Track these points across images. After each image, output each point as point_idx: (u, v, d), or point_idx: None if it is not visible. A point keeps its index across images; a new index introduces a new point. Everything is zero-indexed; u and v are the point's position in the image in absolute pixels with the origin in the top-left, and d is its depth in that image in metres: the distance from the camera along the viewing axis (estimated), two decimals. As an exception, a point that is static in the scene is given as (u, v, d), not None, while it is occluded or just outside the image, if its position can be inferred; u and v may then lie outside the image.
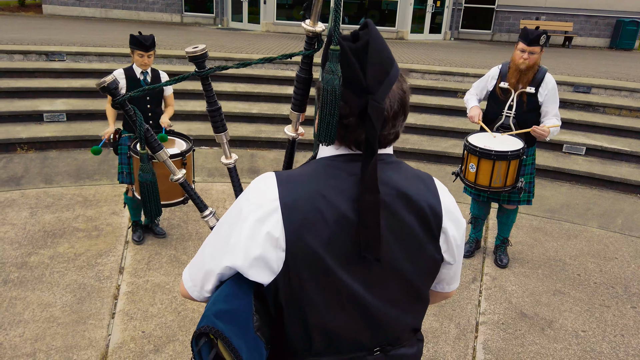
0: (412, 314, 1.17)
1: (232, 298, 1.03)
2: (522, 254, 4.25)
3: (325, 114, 0.98)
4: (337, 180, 1.04)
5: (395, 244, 1.06)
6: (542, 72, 3.66)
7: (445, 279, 1.26)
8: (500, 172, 3.59)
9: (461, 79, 8.11)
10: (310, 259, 1.01)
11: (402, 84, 1.05)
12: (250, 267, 1.02)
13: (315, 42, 1.07)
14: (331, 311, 1.06)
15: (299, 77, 1.16)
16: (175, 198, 3.57)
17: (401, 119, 1.06)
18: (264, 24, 14.59)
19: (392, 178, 1.07)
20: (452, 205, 1.15)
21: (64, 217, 4.41)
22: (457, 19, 16.28)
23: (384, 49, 1.01)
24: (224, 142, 1.38)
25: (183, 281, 1.17)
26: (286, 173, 1.09)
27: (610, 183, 5.84)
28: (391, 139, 1.08)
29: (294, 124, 1.30)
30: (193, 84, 7.48)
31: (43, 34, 10.02)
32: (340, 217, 1.01)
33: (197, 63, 1.22)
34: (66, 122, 6.46)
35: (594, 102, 7.30)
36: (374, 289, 1.08)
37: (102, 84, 1.17)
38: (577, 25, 15.91)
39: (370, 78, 0.98)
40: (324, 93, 0.97)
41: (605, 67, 10.25)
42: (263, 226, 1.00)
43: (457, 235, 1.16)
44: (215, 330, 0.99)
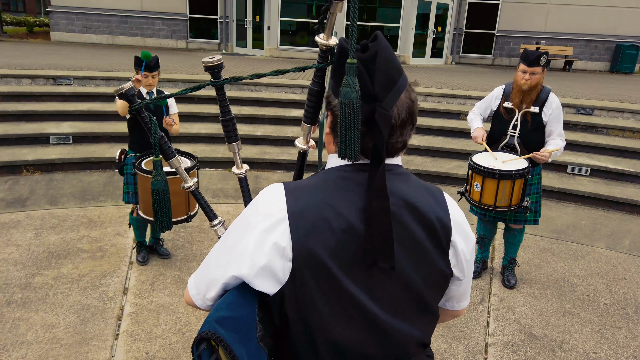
0: (420, 327, 1.14)
1: (235, 306, 1.02)
2: (530, 274, 4.20)
3: (346, 128, 0.98)
4: (345, 190, 1.04)
5: (402, 255, 1.05)
6: (546, 92, 3.68)
7: (455, 296, 1.24)
8: (505, 191, 3.58)
9: (463, 101, 8.17)
10: (316, 268, 1.00)
11: (410, 94, 1.06)
12: (256, 277, 1.01)
13: (329, 56, 1.08)
14: (338, 322, 1.04)
15: (312, 90, 1.17)
16: (179, 216, 3.56)
17: (409, 128, 1.07)
18: (267, 49, 14.82)
19: (399, 189, 1.06)
20: (462, 219, 1.14)
21: (68, 238, 4.40)
22: (458, 43, 16.52)
23: (392, 59, 1.02)
24: (235, 151, 1.39)
25: (188, 288, 1.16)
26: (294, 183, 1.09)
27: (616, 204, 5.81)
28: (399, 148, 1.08)
29: (305, 136, 1.31)
30: (198, 107, 7.56)
31: (51, 59, 10.19)
32: (347, 226, 1.01)
33: (213, 73, 1.24)
34: (72, 145, 6.51)
35: (597, 124, 7.33)
36: (382, 300, 1.06)
37: (120, 90, 1.19)
38: (577, 49, 16.11)
39: (378, 86, 0.99)
40: (341, 107, 0.97)
41: (606, 89, 10.33)
42: (270, 236, 1.00)
43: (467, 250, 1.14)
44: (216, 336, 0.97)
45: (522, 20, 16.00)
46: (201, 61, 1.24)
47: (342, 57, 1.03)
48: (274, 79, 8.82)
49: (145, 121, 1.25)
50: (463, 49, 16.81)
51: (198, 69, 9.81)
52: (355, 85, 0.97)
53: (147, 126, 1.25)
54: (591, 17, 15.85)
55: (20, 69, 8.13)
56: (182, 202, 3.56)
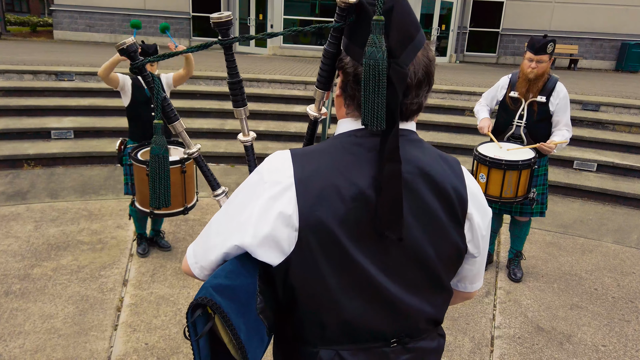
0: (432, 303, 1.07)
1: (235, 275, 0.95)
2: (536, 268, 4.13)
3: (370, 92, 0.90)
4: (355, 156, 0.97)
5: (416, 226, 0.98)
6: (553, 81, 3.61)
7: (468, 276, 1.18)
8: (512, 182, 3.51)
9: (468, 97, 8.10)
10: (324, 238, 0.93)
11: (428, 52, 0.99)
12: (259, 246, 0.94)
13: (348, 15, 1.00)
14: (346, 295, 0.98)
15: (327, 51, 1.08)
16: (176, 207, 3.52)
17: (425, 89, 0.99)
18: (270, 48, 14.78)
19: (414, 155, 0.99)
20: (478, 192, 1.07)
21: (68, 231, 4.35)
22: (462, 42, 16.44)
23: (410, 13, 0.95)
24: (242, 117, 1.30)
25: (186, 256, 1.09)
26: (302, 149, 1.02)
27: (623, 199, 5.72)
28: (414, 110, 1.00)
29: (317, 102, 1.22)
30: (200, 103, 7.52)
31: (53, 56, 10.17)
32: (358, 193, 0.94)
33: (222, 31, 1.15)
34: (73, 139, 6.47)
35: (604, 120, 7.24)
36: (392, 272, 1.00)
37: (121, 45, 1.10)
38: (582, 48, 16.00)
39: (394, 40, 0.92)
40: (366, 68, 0.89)
41: (612, 87, 10.23)
42: (276, 204, 0.93)
43: (482, 225, 1.07)
44: (213, 302, 0.90)
45: (526, 18, 15.90)
46: (210, 17, 1.16)
47: (360, 14, 0.96)
48: (277, 75, 8.78)
49: (148, 80, 1.16)
50: (467, 48, 16.73)
51: (200, 65, 9.78)
52: (382, 44, 0.89)
53: (149, 85, 1.16)
54: (596, 16, 15.74)
55: (23, 65, 8.11)
56: (178, 194, 3.52)
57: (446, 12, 15.61)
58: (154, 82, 1.16)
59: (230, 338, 0.92)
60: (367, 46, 0.89)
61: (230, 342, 0.93)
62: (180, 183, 3.52)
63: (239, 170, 6.28)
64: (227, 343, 0.93)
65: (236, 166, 6.43)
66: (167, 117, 1.23)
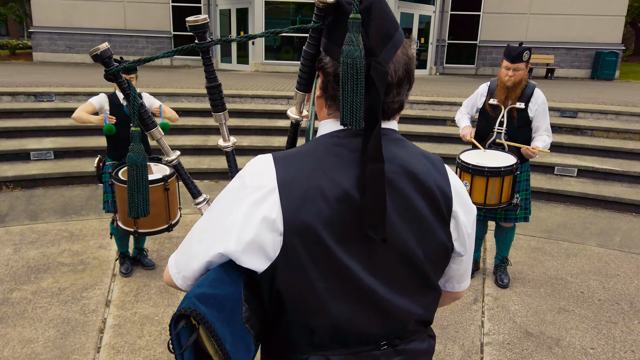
0: (421, 303, 1.06)
1: (218, 283, 0.92)
2: (523, 273, 4.14)
3: (348, 92, 0.89)
4: (338, 157, 0.95)
5: (402, 226, 0.97)
6: (531, 88, 3.67)
7: (455, 276, 1.17)
8: (495, 188, 3.54)
9: (449, 107, 8.20)
10: (310, 241, 0.91)
11: (408, 50, 0.98)
12: (243, 253, 0.92)
13: (326, 15, 0.99)
14: (334, 298, 0.96)
15: (307, 52, 1.07)
16: (160, 225, 3.46)
17: (406, 88, 0.99)
18: (253, 64, 14.84)
19: (397, 154, 0.98)
20: (462, 189, 1.07)
21: (48, 253, 4.25)
22: (441, 54, 16.69)
23: (388, 12, 0.95)
24: (222, 122, 1.28)
25: (168, 267, 1.06)
26: (283, 152, 1.00)
27: (605, 202, 5.81)
28: (395, 109, 1.00)
29: (298, 105, 1.20)
30: (182, 120, 7.47)
31: (32, 77, 10.07)
32: (342, 194, 0.92)
33: (198, 34, 1.13)
34: (54, 160, 6.38)
35: (582, 126, 7.37)
36: (380, 273, 0.98)
37: (95, 51, 1.07)
38: (558, 57, 16.36)
39: (374, 39, 0.91)
40: (343, 67, 0.88)
41: (589, 94, 10.45)
42: (259, 209, 0.91)
43: (468, 222, 1.07)
44: (196, 313, 0.88)
45: (503, 30, 16.23)
46: (186, 20, 1.14)
47: (338, 14, 0.96)
48: (259, 91, 8.79)
49: (124, 87, 1.14)
50: (447, 60, 16.99)
51: (182, 82, 9.76)
52: (359, 43, 0.88)
53: (125, 92, 1.14)
54: (571, 26, 16.14)
55: (1, 87, 7.99)
56: (162, 211, 3.47)
57: (425, 26, 15.88)
58: (130, 88, 1.14)
59: (216, 349, 0.89)
60: (345, 44, 0.89)
61: (216, 353, 0.90)
62: (163, 201, 3.47)
63: (223, 185, 6.22)
64: (212, 354, 0.90)
65: (220, 182, 6.38)
66: (144, 124, 1.21)
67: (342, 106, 0.91)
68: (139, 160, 1.18)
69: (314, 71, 1.09)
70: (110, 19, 15.99)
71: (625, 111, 7.77)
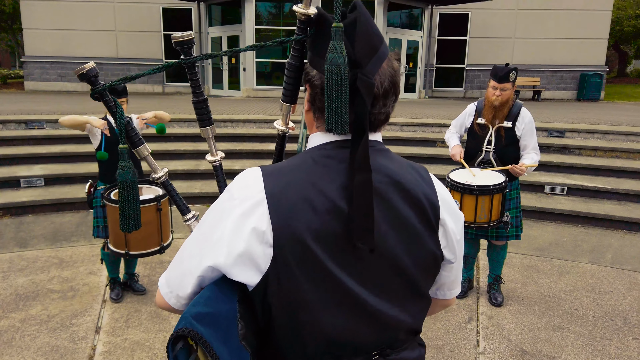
0: (412, 312, 1.06)
1: (213, 301, 0.92)
2: (516, 291, 4.14)
3: (333, 97, 0.91)
4: (327, 168, 0.96)
5: (390, 235, 0.98)
6: (518, 107, 3.74)
7: (446, 283, 1.17)
8: (485, 207, 3.56)
9: (439, 129, 8.29)
10: (300, 252, 0.91)
11: (393, 63, 1.00)
12: (234, 265, 0.91)
13: (308, 27, 1.02)
14: (325, 309, 0.95)
15: (290, 64, 1.09)
16: (152, 247, 3.43)
17: (392, 99, 1.01)
18: (244, 90, 14.98)
19: (383, 165, 1.00)
20: (449, 197, 1.08)
21: (37, 280, 4.19)
22: (429, 78, 16.98)
23: (373, 26, 0.97)
24: (209, 136, 1.29)
25: (159, 287, 1.05)
26: (272, 165, 1.01)
27: (595, 220, 5.85)
28: (382, 120, 1.02)
29: (284, 117, 1.22)
30: (174, 145, 7.50)
31: (23, 105, 10.08)
32: (331, 206, 0.93)
33: (183, 50, 1.15)
34: (44, 187, 6.34)
35: (569, 145, 7.48)
36: (370, 284, 0.98)
37: (80, 70, 1.09)
38: (544, 79, 16.70)
39: (359, 52, 0.93)
40: (328, 74, 0.90)
41: (575, 114, 10.64)
42: (248, 220, 0.91)
43: (456, 229, 1.08)
44: (194, 333, 0.87)
45: (489, 54, 16.57)
46: (171, 37, 1.16)
47: (321, 25, 0.98)
48: (251, 115, 8.86)
49: (110, 105, 1.15)
50: (435, 84, 17.27)
51: (174, 109, 9.83)
52: (342, 50, 0.90)
53: (111, 110, 1.16)
54: (555, 49, 16.53)
55: (-9, 115, 8.00)
56: (154, 233, 3.45)
57: (413, 51, 16.17)
58: (117, 106, 1.15)
59: None
60: (328, 52, 0.90)
61: None
62: (156, 221, 3.45)
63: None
64: None
65: (212, 206, 6.36)
66: (131, 141, 1.22)
67: (327, 112, 0.92)
68: (129, 177, 1.20)
69: (298, 82, 1.11)
70: (103, 48, 16.14)
71: (611, 130, 7.91)
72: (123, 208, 1.22)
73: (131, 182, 1.21)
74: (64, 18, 16.03)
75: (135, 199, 1.23)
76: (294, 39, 1.05)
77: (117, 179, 1.20)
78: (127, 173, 1.19)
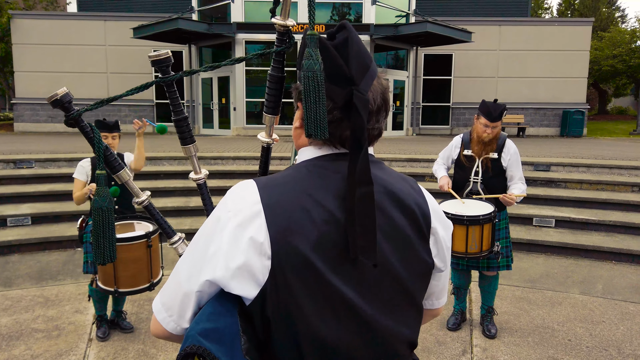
0: (408, 324, 1.06)
1: (216, 317, 0.90)
2: (509, 323, 4.10)
3: (311, 103, 0.92)
4: (323, 179, 0.97)
5: (386, 244, 0.98)
6: (503, 138, 3.83)
7: (435, 292, 1.18)
8: (475, 237, 3.58)
9: (427, 164, 8.40)
10: (298, 263, 0.91)
11: (382, 80, 1.04)
12: (232, 278, 0.90)
13: (287, 38, 1.06)
14: (324, 322, 0.94)
15: (272, 76, 1.11)
16: (141, 284, 3.38)
17: (383, 115, 1.04)
18: (234, 129, 15.13)
19: (377, 175, 1.02)
20: (438, 207, 1.11)
21: (21, 319, 4.08)
22: (417, 116, 17.32)
23: (362, 45, 1.01)
24: (192, 154, 1.30)
25: (155, 313, 1.01)
26: (266, 177, 1.01)
27: (585, 251, 5.88)
28: (375, 135, 1.05)
29: (268, 128, 1.24)
30: (164, 182, 7.49)
31: (12, 146, 10.07)
32: (329, 216, 0.93)
33: (161, 68, 1.17)
34: (31, 226, 6.25)
35: (555, 178, 7.60)
36: (368, 294, 0.98)
37: (53, 97, 1.08)
38: (527, 117, 17.12)
39: (354, 69, 0.96)
40: (305, 80, 0.93)
41: (559, 149, 10.86)
42: (245, 231, 0.91)
43: (446, 237, 1.10)
44: (202, 349, 0.85)
45: (474, 92, 17.02)
46: (147, 56, 1.19)
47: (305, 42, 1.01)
48: (241, 152, 8.92)
49: (86, 131, 1.14)
50: (422, 121, 17.61)
51: (163, 147, 9.87)
52: (318, 57, 0.93)
53: (88, 137, 1.15)
54: (537, 87, 17.04)
55: (-20, 155, 7.97)
56: (143, 270, 3.40)
57: (399, 91, 16.56)
58: (94, 132, 1.15)
59: None
60: (304, 59, 0.93)
61: None
62: (146, 258, 3.41)
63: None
64: None
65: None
66: (110, 167, 1.21)
67: (305, 117, 0.94)
68: (105, 204, 1.17)
69: (280, 93, 1.14)
70: (94, 89, 16.31)
71: (595, 164, 8.07)
72: (97, 237, 1.18)
73: (107, 210, 1.18)
74: (55, 60, 16.26)
75: (111, 227, 1.19)
76: (273, 50, 1.08)
77: (92, 205, 1.18)
78: (103, 200, 1.17)
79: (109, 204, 1.18)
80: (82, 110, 1.13)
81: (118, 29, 16.44)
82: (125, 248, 3.30)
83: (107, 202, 1.18)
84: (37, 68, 16.29)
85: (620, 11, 36.02)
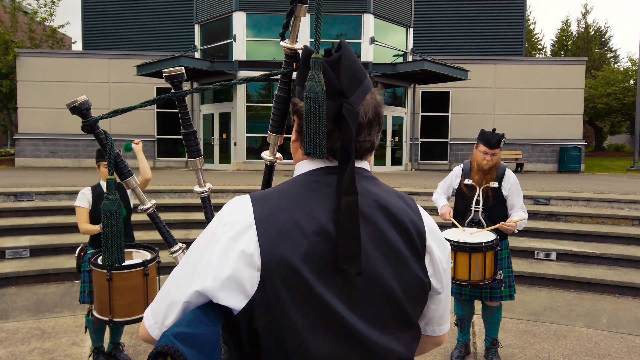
0: (403, 342, 1.03)
1: (196, 324, 0.89)
2: (514, 356, 4.03)
3: (311, 123, 0.96)
4: (314, 192, 0.99)
5: (378, 258, 0.98)
6: (502, 168, 3.87)
7: (435, 317, 1.15)
8: (478, 264, 3.57)
9: (426, 197, 8.42)
10: (288, 275, 0.91)
11: (376, 96, 1.07)
12: (220, 289, 0.90)
13: (294, 61, 1.11)
14: (314, 335, 0.93)
15: (278, 96, 1.16)
16: (137, 313, 3.33)
17: (376, 129, 1.06)
18: (234, 164, 15.22)
19: (370, 190, 1.03)
20: (435, 226, 1.10)
21: (17, 352, 3.99)
22: (415, 152, 17.47)
23: (357, 62, 1.04)
24: (198, 167, 1.34)
25: (144, 319, 1.01)
26: (260, 192, 1.04)
27: (588, 285, 5.83)
28: (367, 148, 1.06)
29: (272, 147, 1.28)
30: (165, 215, 7.48)
31: (13, 180, 10.10)
32: (319, 228, 0.94)
33: (174, 84, 1.22)
34: (29, 258, 6.20)
35: (555, 212, 7.61)
36: (360, 309, 0.97)
37: (72, 104, 1.13)
38: (525, 153, 17.28)
39: (344, 83, 1.00)
40: (306, 101, 0.96)
41: (558, 184, 10.91)
42: (237, 244, 0.92)
43: (443, 258, 1.08)
44: (174, 350, 0.83)
45: (471, 128, 17.22)
46: (162, 72, 1.24)
47: (307, 61, 1.05)
48: (241, 186, 8.95)
49: (100, 137, 1.19)
50: (421, 157, 17.76)
51: (164, 181, 9.91)
52: (320, 80, 0.97)
53: (101, 142, 1.20)
54: (534, 124, 17.28)
55: (-19, 187, 7.98)
56: (140, 299, 3.36)
57: (398, 127, 16.77)
58: (107, 138, 1.20)
59: None
60: (307, 81, 0.97)
61: None
62: (142, 287, 3.38)
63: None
64: None
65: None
66: (120, 173, 1.25)
67: (305, 136, 0.97)
68: (113, 207, 1.20)
69: (286, 114, 1.18)
70: (96, 125, 16.47)
71: (595, 197, 8.10)
72: (106, 240, 1.21)
73: (115, 213, 1.20)
74: (59, 96, 16.49)
75: (120, 230, 1.22)
76: (280, 72, 1.13)
77: (101, 209, 1.20)
78: (113, 204, 1.20)
79: (117, 207, 1.21)
80: (98, 117, 1.18)
81: (122, 66, 16.79)
82: (122, 276, 3.28)
83: (116, 205, 1.20)
84: (40, 104, 16.53)
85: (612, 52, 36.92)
